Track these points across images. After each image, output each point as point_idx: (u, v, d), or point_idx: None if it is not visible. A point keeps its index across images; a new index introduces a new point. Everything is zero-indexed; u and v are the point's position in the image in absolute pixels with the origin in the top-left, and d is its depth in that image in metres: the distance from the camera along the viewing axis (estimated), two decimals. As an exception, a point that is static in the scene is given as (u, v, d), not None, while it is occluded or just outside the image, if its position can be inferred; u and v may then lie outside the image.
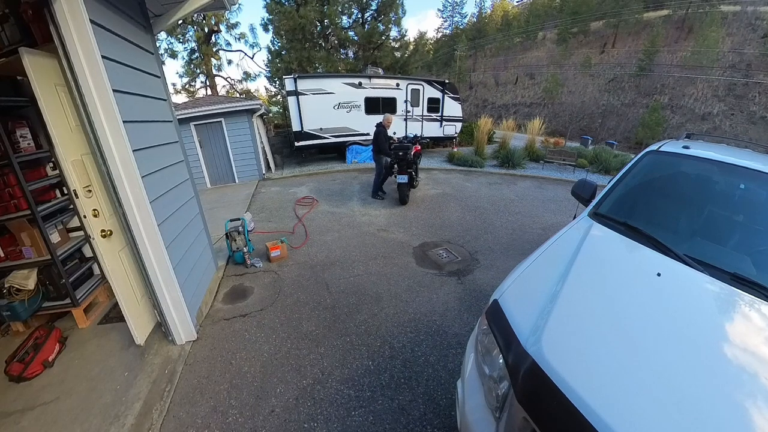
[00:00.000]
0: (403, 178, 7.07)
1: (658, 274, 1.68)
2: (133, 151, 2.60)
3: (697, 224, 2.31)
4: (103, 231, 2.85)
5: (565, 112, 45.77)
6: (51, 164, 3.31)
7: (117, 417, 2.38)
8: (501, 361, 1.46)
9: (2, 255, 3.20)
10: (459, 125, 15.99)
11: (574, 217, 2.71)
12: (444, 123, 15.22)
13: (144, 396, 2.55)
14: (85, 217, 2.79)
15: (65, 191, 3.34)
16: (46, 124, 2.56)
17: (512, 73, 57.25)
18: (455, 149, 13.78)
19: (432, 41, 66.55)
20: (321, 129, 12.47)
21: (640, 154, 2.94)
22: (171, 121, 3.60)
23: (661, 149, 2.83)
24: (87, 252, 3.68)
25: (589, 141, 21.01)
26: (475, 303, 3.64)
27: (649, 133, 32.80)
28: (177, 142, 3.66)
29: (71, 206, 3.36)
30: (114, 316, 3.53)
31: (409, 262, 4.69)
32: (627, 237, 2.06)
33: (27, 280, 3.19)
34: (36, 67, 2.45)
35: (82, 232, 3.44)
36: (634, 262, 1.91)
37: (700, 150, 2.65)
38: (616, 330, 1.43)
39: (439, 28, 73.71)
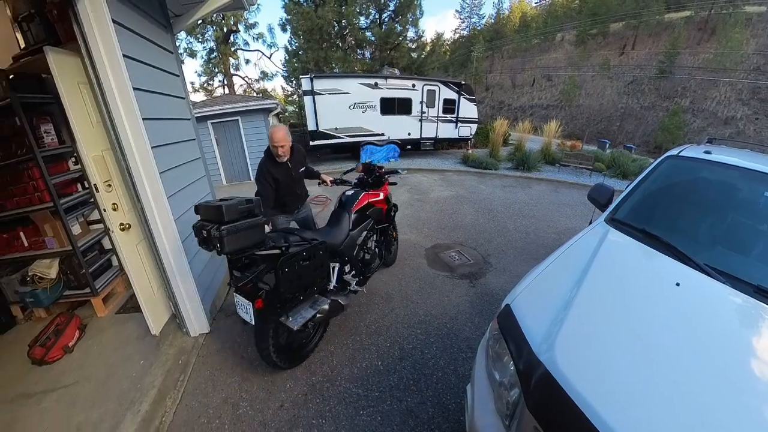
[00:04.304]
0: (245, 309, 2.38)
1: (677, 284, 1.62)
2: (152, 147, 2.65)
3: (719, 233, 2.23)
4: (121, 224, 2.92)
5: (583, 114, 45.04)
6: (73, 159, 3.40)
7: (132, 403, 2.45)
8: (512, 367, 1.43)
9: (26, 245, 3.35)
10: (474, 127, 15.89)
11: (590, 223, 2.65)
12: (459, 124, 15.15)
13: (158, 384, 2.62)
14: (104, 210, 2.87)
15: (86, 185, 3.44)
16: (69, 121, 2.63)
17: (529, 75, 56.59)
18: (470, 151, 13.70)
19: (449, 42, 66.28)
20: (336, 129, 12.54)
21: (660, 159, 2.86)
22: (189, 119, 3.66)
23: (681, 154, 2.75)
24: (106, 244, 3.78)
25: (607, 144, 20.58)
26: (486, 307, 3.60)
27: (669, 138, 32.04)
28: (194, 139, 3.72)
29: (92, 200, 3.46)
30: (131, 306, 3.62)
31: (420, 263, 4.67)
32: (645, 244, 2.00)
33: (49, 269, 3.32)
34: (60, 65, 2.51)
35: (101, 225, 3.55)
36: (652, 270, 1.85)
37: (723, 155, 2.56)
38: (633, 340, 1.37)
39: (456, 29, 73.39)
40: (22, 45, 2.86)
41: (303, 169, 3.44)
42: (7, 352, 3.07)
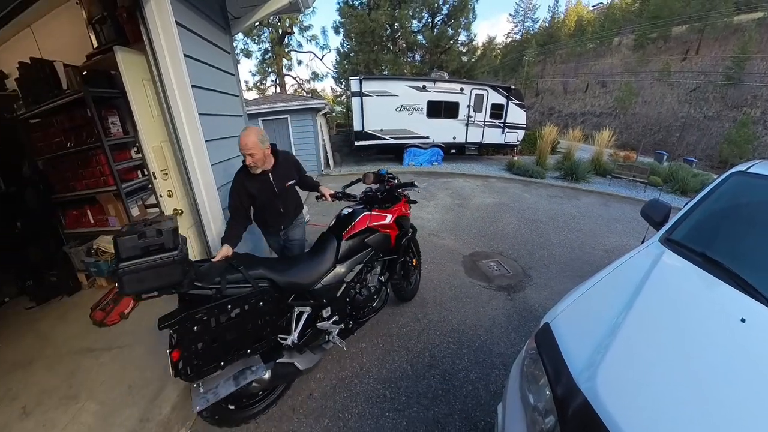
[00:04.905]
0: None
1: (742, 320, 1.43)
2: (206, 141, 2.81)
3: (795, 264, 1.99)
4: (175, 210, 3.12)
5: (639, 123, 42.45)
6: (135, 148, 3.66)
7: (176, 370, 2.66)
8: (548, 392, 1.35)
9: (92, 222, 3.76)
10: (522, 133, 15.45)
11: (643, 241, 2.47)
12: (506, 130, 14.77)
13: (200, 357, 2.80)
14: (161, 196, 3.07)
15: (145, 173, 3.68)
16: (133, 114, 2.82)
17: (582, 81, 54.18)
18: (516, 157, 13.30)
19: (500, 46, 64.98)
20: (381, 130, 12.65)
21: (725, 175, 2.56)
22: (241, 116, 3.83)
23: (750, 170, 2.45)
24: (161, 227, 4.03)
25: (665, 157, 19.13)
26: (524, 323, 3.45)
27: (735, 151, 29.44)
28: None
29: (150, 186, 3.70)
30: (180, 285, 3.88)
31: (457, 270, 4.58)
32: (704, 270, 1.79)
33: (111, 244, 3.64)
34: (127, 63, 2.70)
35: (157, 209, 3.78)
36: (713, 301, 1.65)
37: None
38: (687, 379, 1.22)
39: (509, 33, 71.83)
40: (95, 44, 3.14)
41: (292, 182, 2.89)
42: (73, 312, 3.50)
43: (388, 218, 2.94)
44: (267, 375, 2.17)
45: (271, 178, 2.67)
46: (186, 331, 1.77)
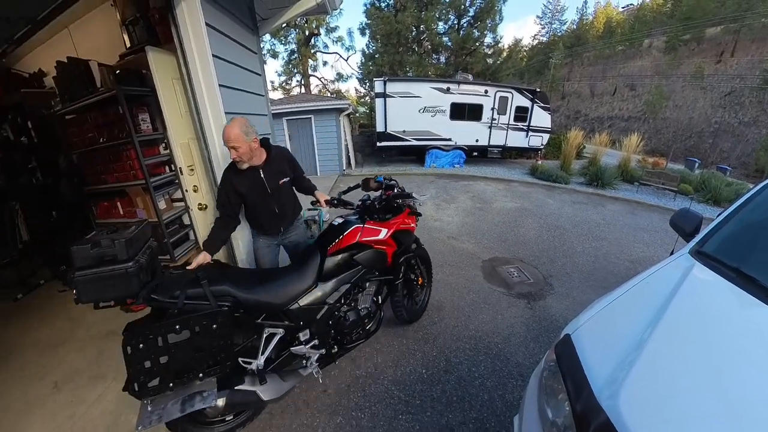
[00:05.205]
0: None
1: None
2: (231, 139, 2.86)
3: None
4: (199, 204, 3.22)
5: (669, 128, 40.89)
6: (163, 145, 3.76)
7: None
8: (567, 407, 1.30)
9: (122, 213, 3.88)
10: (546, 137, 15.13)
11: (672, 253, 2.36)
12: (530, 133, 14.50)
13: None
14: (186, 191, 3.18)
15: (173, 168, 3.78)
16: (162, 111, 2.92)
17: (610, 84, 52.64)
18: (539, 162, 13.05)
19: (527, 48, 64.01)
20: (404, 131, 12.66)
21: (762, 185, 2.40)
22: (266, 116, 3.89)
23: None
24: (185, 220, 4.14)
25: (696, 164, 18.27)
26: (543, 333, 3.37)
27: (773, 160, 28.04)
28: (269, 134, 3.94)
29: (176, 181, 3.80)
30: (202, 277, 3.96)
31: (476, 275, 4.53)
32: (738, 287, 1.67)
33: None
34: (157, 62, 2.80)
35: (183, 203, 3.90)
36: (747, 320, 1.54)
37: None
38: (718, 403, 1.13)
39: (536, 35, 70.64)
40: (128, 45, 3.28)
41: (286, 180, 2.62)
42: (101, 298, 3.72)
43: (383, 233, 2.57)
44: (221, 403, 1.97)
45: (262, 175, 2.45)
46: (133, 347, 1.65)
